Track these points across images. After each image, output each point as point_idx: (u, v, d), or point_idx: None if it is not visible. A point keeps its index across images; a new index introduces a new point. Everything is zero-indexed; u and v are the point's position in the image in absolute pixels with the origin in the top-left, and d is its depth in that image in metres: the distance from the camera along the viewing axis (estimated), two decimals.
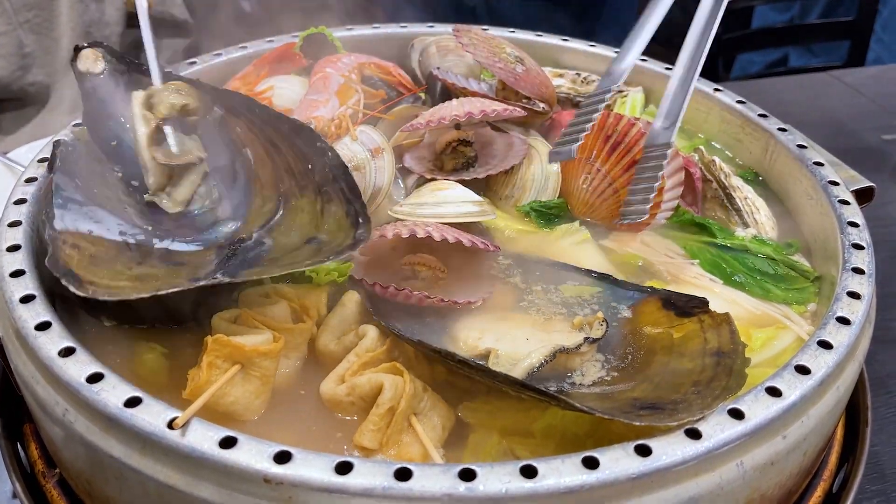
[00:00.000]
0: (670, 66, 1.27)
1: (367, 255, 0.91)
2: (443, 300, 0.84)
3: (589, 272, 0.92)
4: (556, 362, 0.77)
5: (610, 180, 1.01)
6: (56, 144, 0.89)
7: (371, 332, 0.79)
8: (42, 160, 0.94)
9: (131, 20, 2.04)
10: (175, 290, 0.73)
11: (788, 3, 3.23)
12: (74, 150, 0.90)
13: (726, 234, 1.01)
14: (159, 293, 0.72)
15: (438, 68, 1.18)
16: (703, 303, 0.82)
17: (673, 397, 0.69)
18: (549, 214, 1.03)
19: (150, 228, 0.88)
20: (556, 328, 0.85)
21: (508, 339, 0.82)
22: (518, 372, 0.75)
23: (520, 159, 1.04)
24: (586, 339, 0.79)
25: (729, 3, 0.96)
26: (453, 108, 1.03)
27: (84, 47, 1.01)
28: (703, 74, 1.27)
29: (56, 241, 0.78)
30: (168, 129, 0.94)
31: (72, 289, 0.72)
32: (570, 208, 1.06)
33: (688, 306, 0.83)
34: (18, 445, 0.84)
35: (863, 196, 1.01)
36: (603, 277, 0.91)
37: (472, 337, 0.83)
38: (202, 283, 0.75)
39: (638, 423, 0.63)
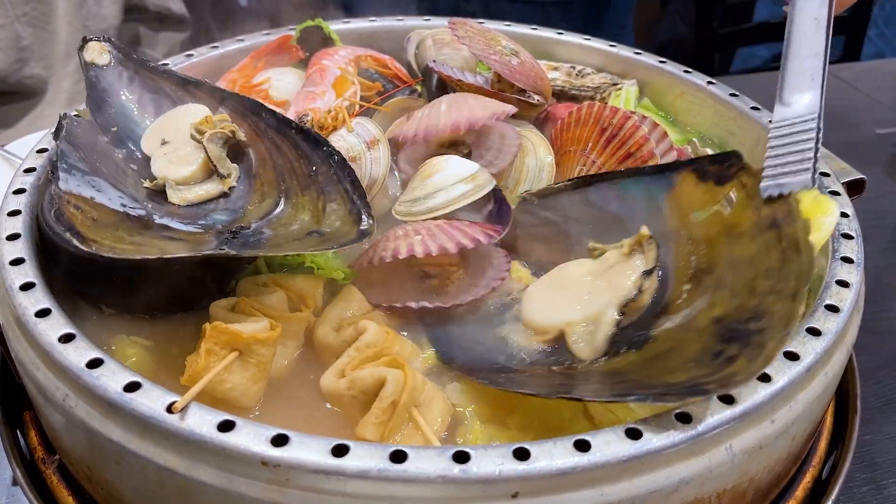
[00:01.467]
0: (664, 60, 1.29)
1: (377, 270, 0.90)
2: (441, 306, 0.83)
3: (612, 175, 0.90)
4: (626, 309, 0.76)
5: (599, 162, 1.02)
6: (63, 116, 0.91)
7: (371, 328, 0.79)
8: (41, 150, 0.94)
9: (128, 14, 2.04)
10: (181, 255, 0.73)
11: None
12: (79, 125, 0.92)
13: None
14: (165, 256, 0.73)
15: (434, 61, 1.18)
16: (737, 157, 0.79)
17: (752, 304, 0.67)
18: None
19: (149, 206, 0.89)
20: (611, 261, 0.81)
21: (571, 305, 0.79)
22: (599, 344, 0.74)
23: (513, 156, 1.03)
24: (644, 273, 0.76)
25: None
26: (441, 118, 1.00)
27: (91, 39, 1.02)
28: (699, 69, 1.28)
29: (61, 199, 0.79)
30: (221, 141, 0.95)
31: (75, 243, 0.73)
32: None
33: (724, 168, 0.79)
34: (18, 433, 0.85)
35: (854, 188, 1.02)
36: (627, 174, 0.89)
37: (537, 319, 0.80)
38: (208, 252, 0.75)
39: (733, 389, 0.63)
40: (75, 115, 0.94)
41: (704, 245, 0.79)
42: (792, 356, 0.70)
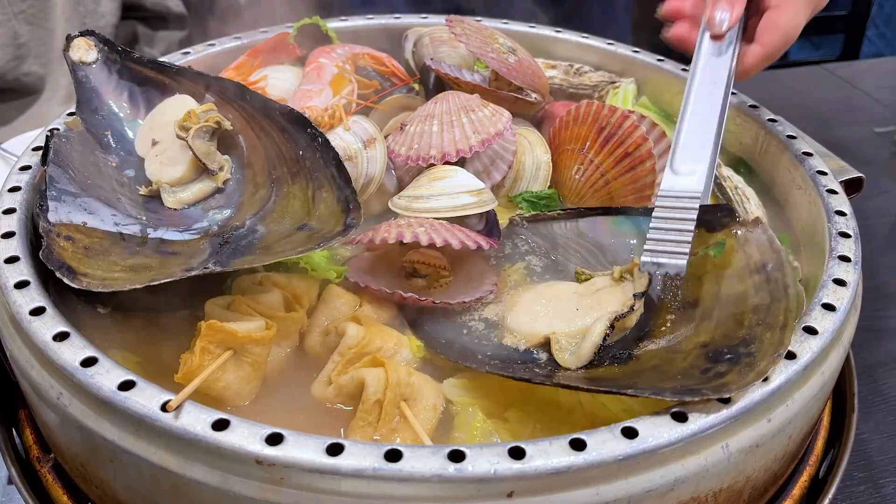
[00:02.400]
0: (662, 58, 1.29)
1: (374, 249, 0.91)
2: (434, 302, 0.83)
3: (605, 211, 0.92)
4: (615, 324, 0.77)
5: (602, 171, 1.02)
6: (50, 136, 0.89)
7: (350, 329, 0.79)
8: (36, 148, 0.94)
9: (126, 12, 2.04)
10: (168, 280, 0.74)
11: None
12: (68, 140, 0.91)
13: None
14: (153, 283, 0.73)
15: (432, 59, 1.18)
16: (730, 211, 0.81)
17: (740, 334, 0.69)
18: (539, 204, 1.04)
19: (143, 219, 0.89)
20: (598, 285, 0.83)
21: (560, 316, 0.81)
22: (585, 353, 0.75)
23: (504, 174, 1.03)
24: (635, 295, 0.78)
25: None
26: (433, 144, 0.99)
27: (76, 36, 1.01)
28: None
29: (50, 234, 0.79)
30: (207, 135, 0.94)
31: (66, 281, 0.73)
32: (562, 198, 1.07)
33: (716, 218, 0.81)
34: (13, 431, 0.85)
35: (852, 186, 1.02)
36: (620, 211, 0.91)
37: (524, 325, 0.81)
38: (194, 272, 0.75)
39: (728, 395, 0.63)
40: (64, 129, 0.93)
41: (691, 281, 0.81)
42: (789, 355, 0.70)
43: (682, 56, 1.28)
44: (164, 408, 0.62)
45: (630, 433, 0.62)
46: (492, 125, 1.00)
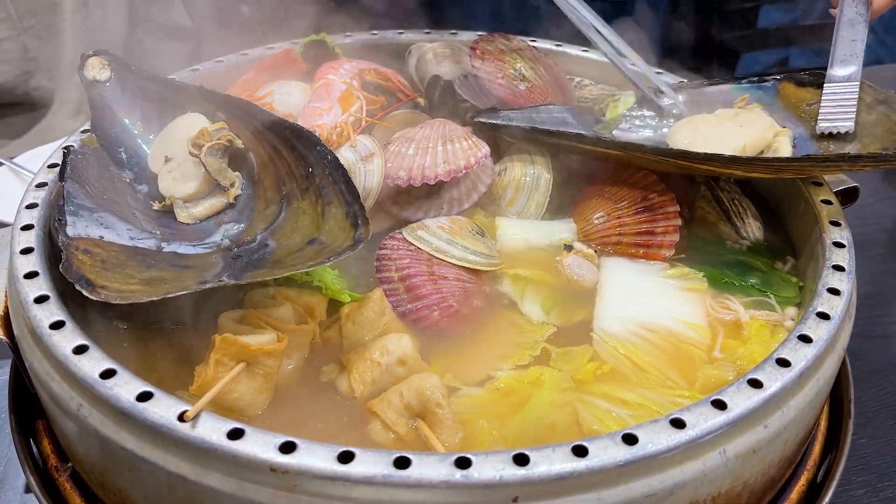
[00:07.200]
0: (661, 71, 1.31)
1: None
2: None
3: None
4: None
5: (621, 231, 1.02)
6: (66, 152, 0.92)
7: (429, 381, 0.78)
8: (52, 165, 0.97)
9: (134, 26, 2.07)
10: (183, 292, 0.76)
11: (793, 3, 3.24)
12: (84, 156, 0.93)
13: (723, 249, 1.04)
14: (168, 296, 0.75)
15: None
16: None
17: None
18: None
19: (157, 233, 0.91)
20: None
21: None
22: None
23: (480, 194, 1.05)
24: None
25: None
26: (402, 167, 1.01)
27: (90, 55, 1.04)
28: (699, 73, 1.30)
29: (69, 248, 0.81)
30: (219, 152, 0.97)
31: (85, 293, 0.76)
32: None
33: None
34: (31, 441, 0.87)
35: (848, 196, 1.04)
36: None
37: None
38: (209, 285, 0.78)
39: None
40: (80, 146, 0.96)
41: None
42: (783, 363, 0.72)
43: (684, 67, 1.31)
44: (181, 418, 0.65)
45: (630, 440, 0.64)
46: (463, 158, 1.01)
